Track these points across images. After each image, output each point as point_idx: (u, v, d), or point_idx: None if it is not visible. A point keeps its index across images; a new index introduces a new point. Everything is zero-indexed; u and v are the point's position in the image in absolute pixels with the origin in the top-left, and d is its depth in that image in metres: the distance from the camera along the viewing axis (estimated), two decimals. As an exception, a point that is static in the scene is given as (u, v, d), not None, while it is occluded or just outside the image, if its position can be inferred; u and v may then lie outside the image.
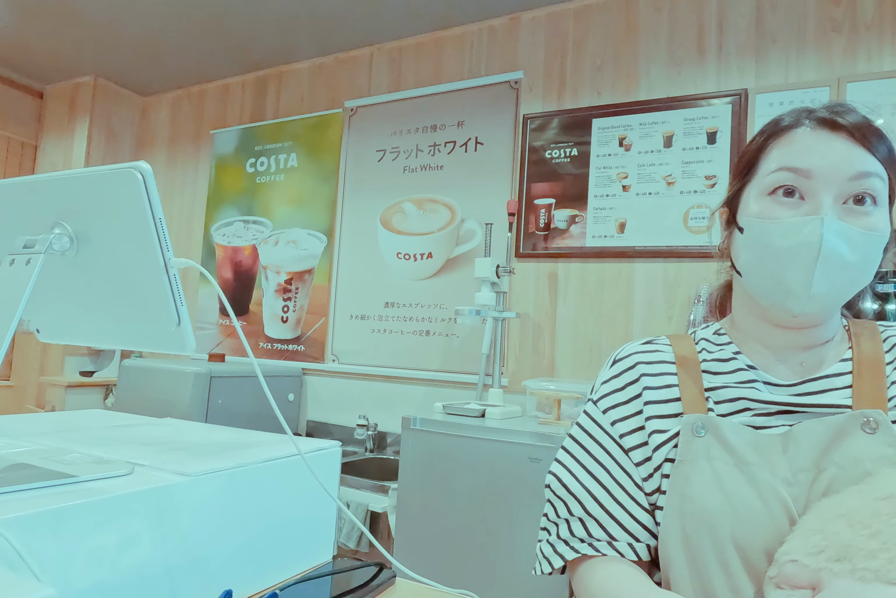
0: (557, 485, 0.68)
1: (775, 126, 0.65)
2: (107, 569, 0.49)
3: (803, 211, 0.60)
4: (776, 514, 0.57)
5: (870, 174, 0.59)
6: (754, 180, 0.65)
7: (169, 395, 2.31)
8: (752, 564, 0.57)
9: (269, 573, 0.66)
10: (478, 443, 1.68)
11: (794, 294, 0.61)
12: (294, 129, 2.91)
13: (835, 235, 0.59)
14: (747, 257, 0.65)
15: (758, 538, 0.57)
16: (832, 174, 0.59)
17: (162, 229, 0.52)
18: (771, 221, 0.62)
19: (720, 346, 0.70)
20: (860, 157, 0.60)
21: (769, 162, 0.63)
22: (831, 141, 0.60)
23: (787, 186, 0.61)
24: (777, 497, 0.58)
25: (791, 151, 0.62)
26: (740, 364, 0.66)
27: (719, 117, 2.04)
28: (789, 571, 0.52)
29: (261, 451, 0.68)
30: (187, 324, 0.55)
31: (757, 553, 0.57)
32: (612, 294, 2.14)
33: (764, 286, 0.64)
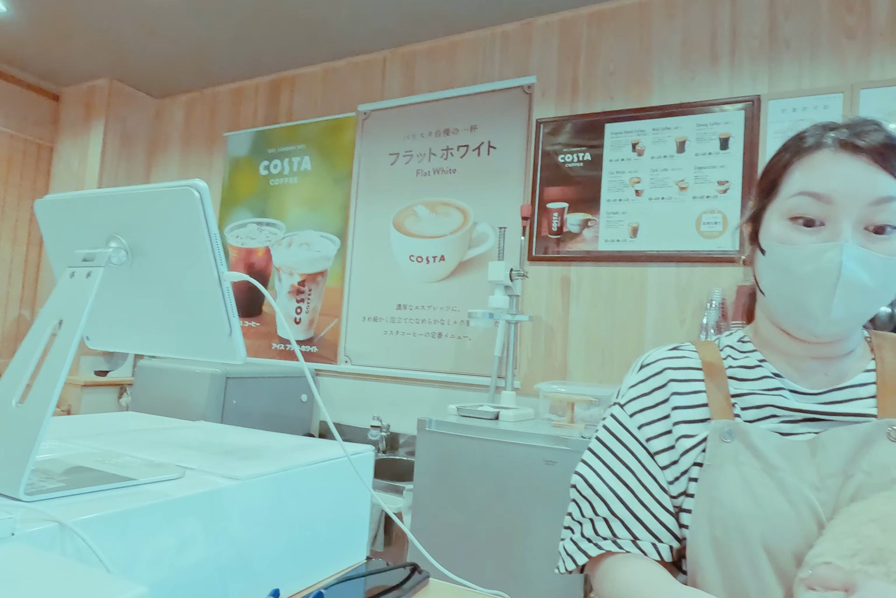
0: (583, 485, 0.70)
1: (799, 145, 0.66)
2: (167, 569, 0.51)
3: (823, 237, 0.62)
4: (805, 518, 0.59)
5: (891, 199, 0.60)
6: (776, 201, 0.66)
7: (185, 395, 2.34)
8: (781, 566, 0.59)
9: (310, 572, 0.68)
10: (492, 445, 1.70)
11: (813, 318, 0.63)
12: (307, 132, 2.93)
13: (854, 262, 0.60)
14: (769, 280, 0.67)
15: (787, 541, 0.59)
16: (852, 200, 0.60)
17: (216, 244, 0.55)
18: (791, 247, 0.63)
19: (745, 353, 0.71)
20: (881, 181, 0.60)
21: (791, 184, 0.65)
22: (852, 165, 0.61)
23: (807, 218, 0.62)
24: (806, 502, 0.60)
25: (812, 174, 0.63)
26: (766, 372, 0.68)
27: (732, 123, 2.06)
28: (823, 573, 0.54)
29: (301, 454, 0.70)
30: (238, 334, 0.57)
31: (786, 556, 0.59)
32: (624, 298, 2.16)
33: (785, 308, 0.66)
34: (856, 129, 0.63)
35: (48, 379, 0.51)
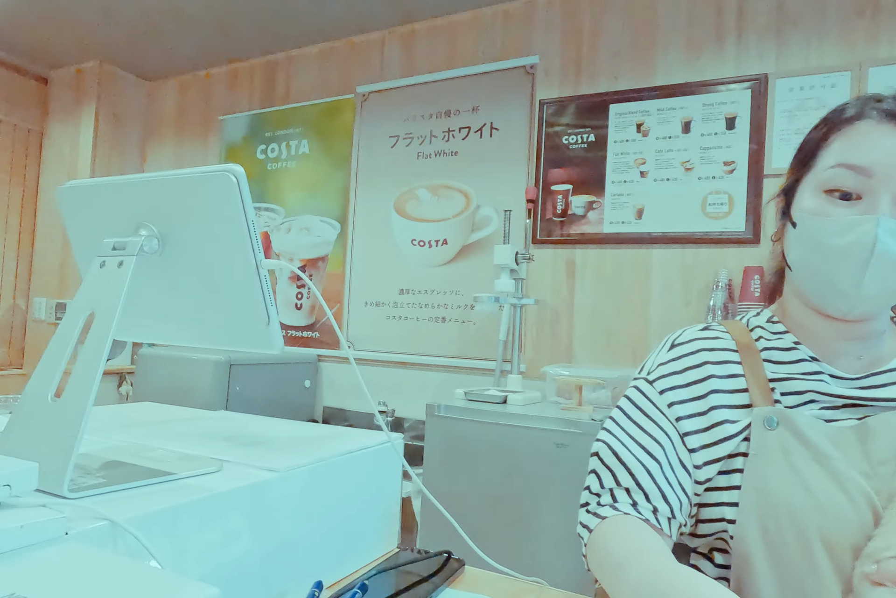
0: (608, 452, 0.65)
1: (839, 116, 0.63)
2: (213, 564, 0.51)
3: (859, 209, 0.60)
4: (861, 508, 0.58)
5: None
6: (811, 173, 0.64)
7: (188, 383, 2.32)
8: (838, 560, 0.57)
9: (347, 562, 0.68)
10: (501, 429, 1.70)
11: (843, 294, 0.61)
12: (305, 115, 2.88)
13: (890, 236, 0.58)
14: (798, 253, 0.65)
15: (845, 533, 0.57)
16: (892, 173, 0.58)
17: (254, 231, 0.53)
18: (824, 219, 0.61)
19: (777, 334, 0.69)
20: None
21: (829, 156, 0.62)
22: (894, 136, 0.59)
23: (843, 191, 0.60)
24: (861, 490, 0.58)
25: (852, 145, 0.61)
26: (803, 355, 0.66)
27: (738, 103, 2.03)
28: (893, 568, 0.51)
29: (335, 444, 0.69)
30: (276, 323, 0.56)
31: (844, 549, 0.57)
32: (629, 280, 2.16)
33: (813, 284, 0.64)
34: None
35: (86, 372, 0.50)
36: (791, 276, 0.68)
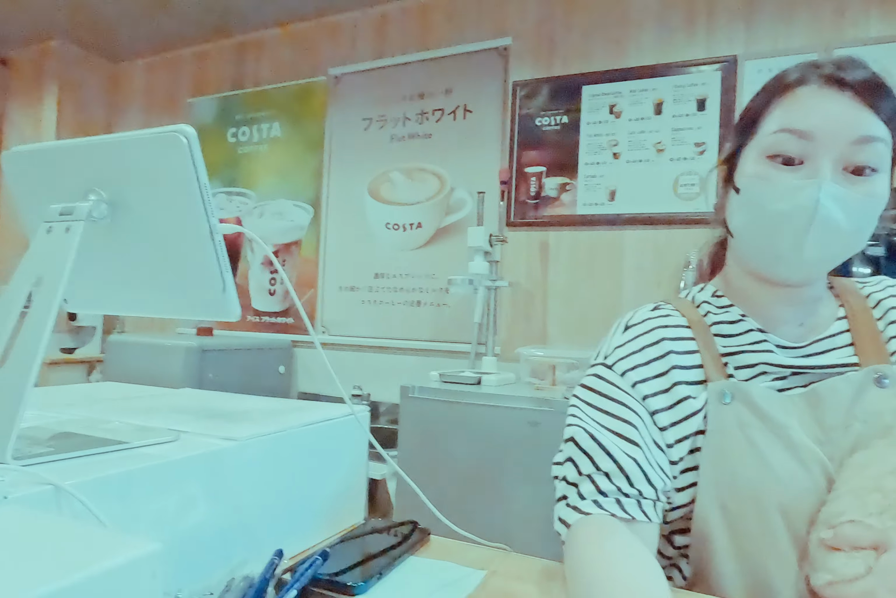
0: (584, 436, 0.62)
1: (779, 82, 0.62)
2: (168, 531, 0.50)
3: (801, 174, 0.59)
4: (816, 475, 0.58)
5: (872, 139, 0.57)
6: (754, 140, 0.63)
7: (159, 370, 2.29)
8: (795, 528, 0.58)
9: (311, 533, 0.67)
10: (475, 409, 1.71)
11: (784, 259, 0.61)
12: (276, 97, 2.84)
13: (831, 201, 0.57)
14: (741, 219, 0.64)
15: (802, 501, 0.57)
16: (834, 137, 0.57)
17: (207, 194, 0.52)
18: (767, 184, 0.60)
19: (723, 308, 0.68)
20: (865, 120, 0.57)
21: (771, 122, 0.61)
22: (836, 102, 0.58)
23: (786, 156, 0.60)
24: (815, 458, 0.59)
25: (793, 110, 0.60)
26: (750, 326, 0.66)
27: (709, 84, 2.04)
28: (849, 532, 0.52)
29: (298, 415, 0.69)
30: (232, 290, 0.55)
31: (800, 517, 0.57)
32: (602, 262, 2.17)
33: (756, 249, 0.64)
34: (841, 65, 0.60)
35: (31, 339, 0.48)
36: (734, 243, 0.68)
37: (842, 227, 0.58)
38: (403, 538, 0.67)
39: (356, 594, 0.55)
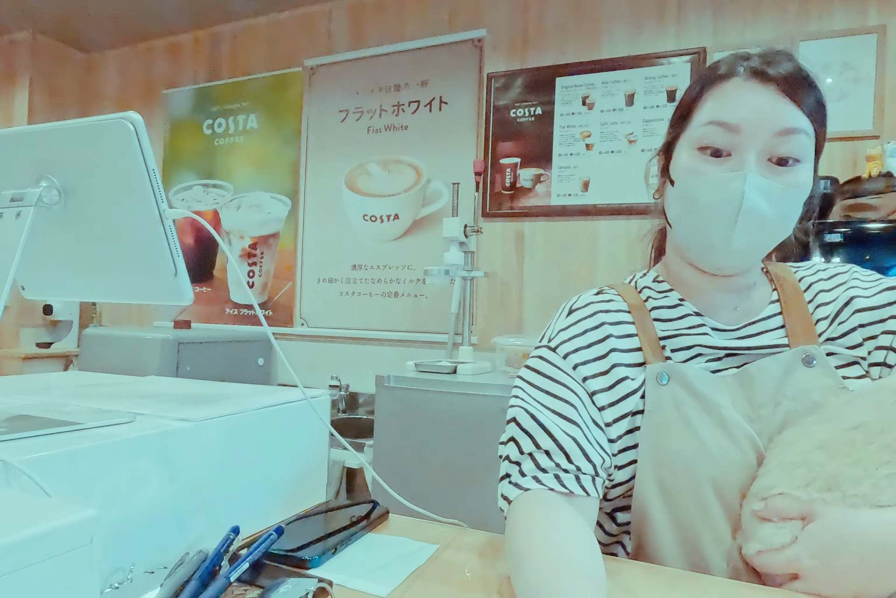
0: (525, 416, 0.63)
1: (711, 74, 0.65)
2: (120, 508, 0.51)
3: (728, 166, 0.61)
4: (746, 451, 0.61)
5: (795, 131, 0.60)
6: (687, 131, 0.65)
7: (135, 363, 2.28)
8: (727, 502, 0.60)
9: (271, 512, 0.69)
10: (450, 398, 1.73)
11: (715, 249, 0.63)
12: (252, 88, 2.82)
13: (756, 192, 0.60)
14: (676, 211, 0.67)
15: (733, 476, 0.60)
16: (758, 129, 0.60)
17: (156, 180, 0.53)
18: (698, 177, 0.62)
19: (663, 293, 0.71)
20: (787, 112, 0.60)
21: (702, 113, 0.64)
22: (760, 94, 0.60)
23: (714, 148, 0.62)
24: (745, 434, 0.61)
25: (722, 103, 0.62)
26: (687, 310, 0.68)
27: (679, 76, 2.07)
28: (778, 504, 0.55)
29: (257, 399, 0.70)
30: (184, 275, 0.56)
31: (732, 491, 0.60)
32: (576, 251, 2.20)
33: (690, 240, 0.66)
34: (767, 58, 0.62)
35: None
36: (671, 233, 0.70)
37: (767, 216, 0.61)
38: (361, 517, 0.69)
39: (310, 566, 0.57)
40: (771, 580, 0.57)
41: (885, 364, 0.65)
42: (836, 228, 1.44)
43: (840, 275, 0.71)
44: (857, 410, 0.58)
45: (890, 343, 0.65)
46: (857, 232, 1.46)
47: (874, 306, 0.66)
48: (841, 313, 0.67)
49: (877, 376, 0.65)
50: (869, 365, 0.66)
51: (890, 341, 0.65)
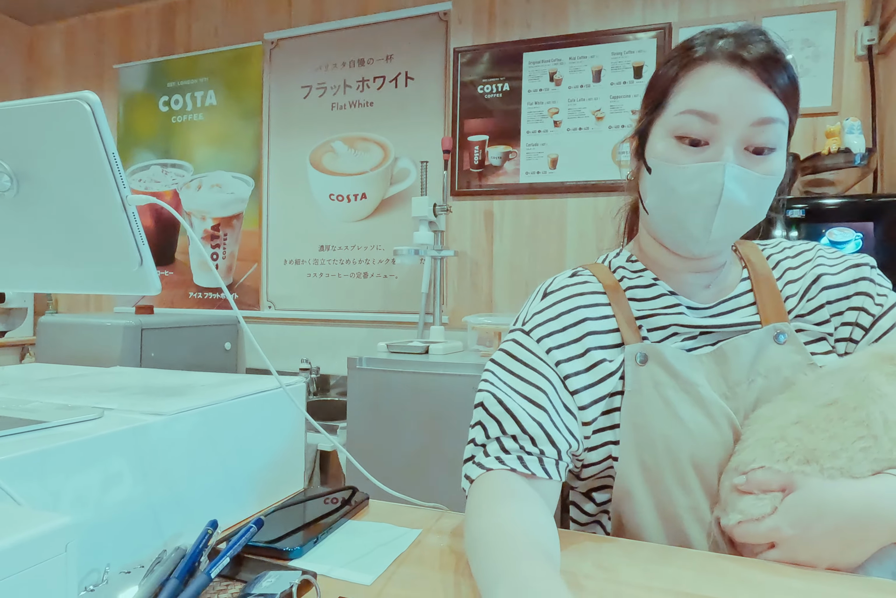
0: (492, 401, 0.64)
1: (688, 55, 0.63)
2: (92, 508, 0.50)
3: (706, 156, 0.61)
4: (724, 428, 0.62)
5: (771, 120, 0.60)
6: (663, 117, 0.64)
7: (96, 350, 2.21)
8: (707, 480, 0.62)
9: (248, 503, 0.68)
10: (423, 378, 1.73)
11: (694, 238, 0.64)
12: (210, 63, 2.72)
13: (734, 183, 0.60)
14: (653, 199, 0.67)
15: (711, 453, 0.62)
16: (736, 119, 0.59)
17: (116, 164, 0.50)
18: (677, 166, 0.62)
19: (637, 273, 0.71)
20: (763, 101, 0.60)
21: (679, 100, 0.63)
22: (738, 82, 0.60)
23: (692, 138, 0.62)
24: (722, 412, 0.63)
25: (699, 90, 0.61)
26: (662, 290, 0.69)
27: (645, 52, 2.06)
28: (760, 477, 0.57)
29: (230, 389, 0.68)
30: (150, 264, 0.53)
31: (710, 468, 0.62)
32: (545, 229, 2.20)
33: (667, 228, 0.66)
34: (743, 38, 0.61)
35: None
36: (647, 218, 0.70)
37: (744, 205, 0.62)
38: (341, 504, 0.69)
39: (291, 558, 0.57)
40: (748, 550, 0.59)
41: (850, 340, 0.67)
42: (796, 203, 1.46)
43: (805, 252, 0.72)
44: (829, 387, 0.60)
45: (855, 319, 0.67)
46: (817, 207, 1.50)
47: (840, 283, 0.68)
48: (809, 290, 0.68)
49: (842, 351, 0.67)
50: (835, 341, 0.67)
51: (855, 317, 0.67)
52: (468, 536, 0.54)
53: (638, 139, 0.69)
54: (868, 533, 0.53)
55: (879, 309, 0.66)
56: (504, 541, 0.49)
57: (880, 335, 0.65)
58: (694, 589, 0.51)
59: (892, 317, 0.65)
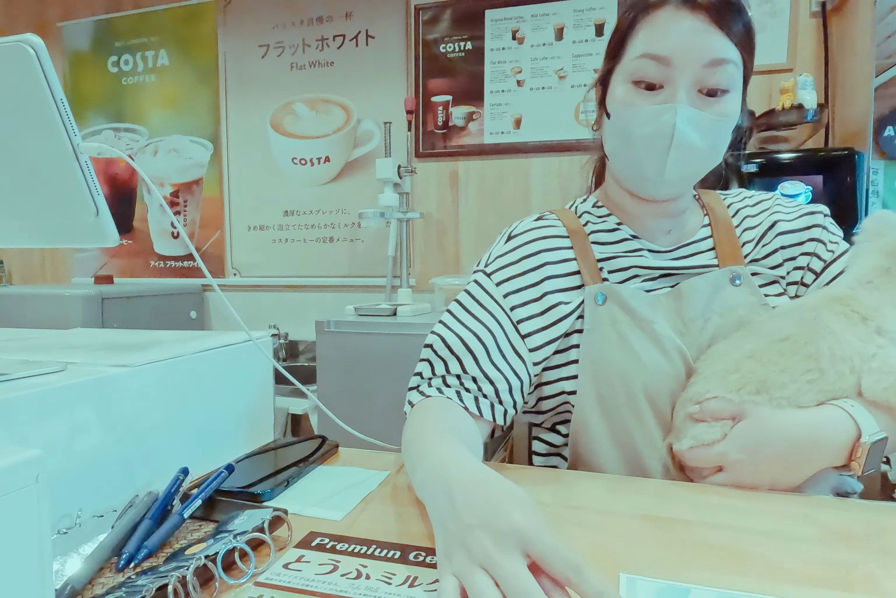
0: (441, 345, 0.68)
1: (643, 2, 0.65)
2: (61, 455, 0.50)
3: (660, 99, 0.63)
4: (676, 362, 0.66)
5: (723, 62, 0.61)
6: (622, 63, 0.67)
7: (55, 322, 2.16)
8: (660, 411, 0.66)
9: (219, 454, 0.69)
10: (392, 339, 1.75)
11: (650, 179, 0.67)
12: (159, 21, 2.60)
13: (687, 124, 0.62)
14: (612, 143, 0.69)
15: (664, 386, 0.66)
16: (689, 62, 0.61)
17: (65, 111, 0.49)
18: (632, 110, 0.64)
19: (602, 218, 0.74)
20: (715, 42, 0.61)
21: (635, 45, 0.65)
22: (690, 24, 0.61)
23: (647, 82, 0.64)
24: (675, 346, 0.66)
25: (653, 35, 0.63)
26: (625, 234, 0.72)
27: (606, 9, 2.05)
28: (713, 406, 0.61)
29: (196, 342, 0.69)
30: (106, 214, 0.53)
31: (663, 399, 0.66)
32: (511, 189, 2.20)
33: (625, 172, 0.69)
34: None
35: None
36: (609, 164, 0.73)
37: (697, 146, 0.64)
38: (311, 452, 0.71)
39: (263, 500, 0.58)
40: (697, 474, 0.63)
41: (801, 283, 0.71)
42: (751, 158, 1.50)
43: (764, 202, 0.75)
44: (782, 324, 0.64)
45: (807, 264, 0.70)
46: (771, 162, 1.53)
47: (794, 230, 0.71)
48: (765, 236, 0.71)
49: (793, 294, 0.71)
50: (787, 284, 0.71)
51: (807, 262, 0.70)
52: (403, 443, 0.60)
53: (601, 87, 0.71)
54: (808, 458, 0.58)
55: (830, 255, 0.70)
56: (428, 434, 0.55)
57: (830, 279, 0.69)
58: (649, 512, 0.54)
59: (842, 263, 0.69)
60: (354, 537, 0.50)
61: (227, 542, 0.45)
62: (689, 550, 0.47)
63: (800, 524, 0.51)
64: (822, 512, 0.54)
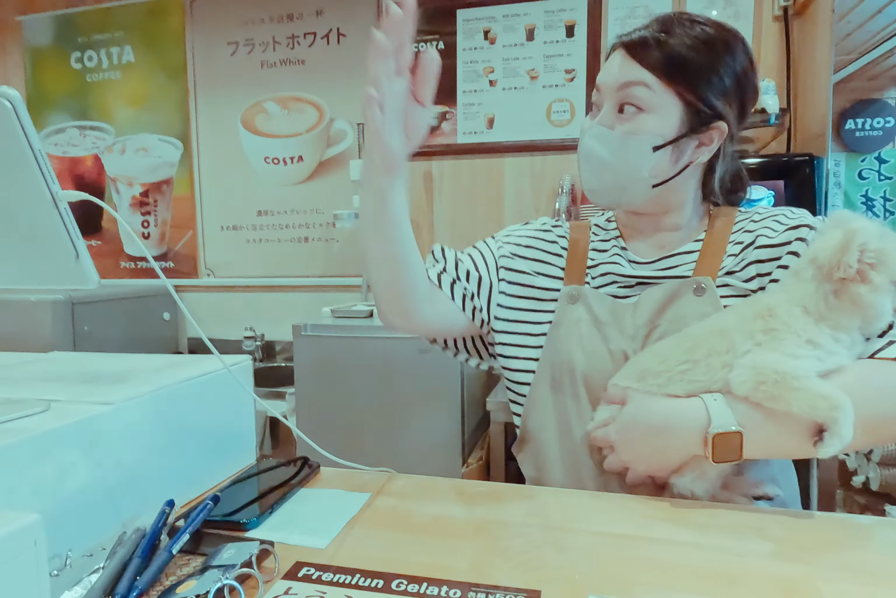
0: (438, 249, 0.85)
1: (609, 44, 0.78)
2: (50, 499, 0.51)
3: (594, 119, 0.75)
4: (617, 359, 0.74)
5: (631, 84, 0.70)
6: None
7: (25, 329, 2.10)
8: (594, 395, 0.75)
9: (203, 480, 0.71)
10: (368, 342, 1.76)
11: (585, 190, 0.78)
12: (124, 16, 2.54)
13: (594, 140, 0.73)
14: None
15: (599, 376, 0.74)
16: (608, 87, 0.73)
17: (44, 161, 0.49)
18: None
19: (607, 231, 0.84)
20: (627, 68, 0.71)
21: None
22: (616, 59, 0.73)
23: (594, 105, 0.76)
24: (619, 347, 0.75)
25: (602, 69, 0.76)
26: (615, 245, 0.81)
27: (577, 10, 2.06)
28: (611, 391, 0.71)
29: (176, 372, 0.70)
30: (86, 256, 0.54)
31: (599, 387, 0.74)
32: (484, 189, 2.22)
33: None
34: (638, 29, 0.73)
35: None
36: None
37: (606, 159, 0.73)
38: (293, 474, 0.73)
39: (248, 529, 0.60)
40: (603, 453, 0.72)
41: None
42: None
43: (769, 218, 0.75)
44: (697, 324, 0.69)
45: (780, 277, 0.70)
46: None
47: (774, 244, 0.71)
48: (745, 250, 0.74)
49: None
50: None
51: (782, 275, 0.69)
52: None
53: None
54: (666, 442, 0.64)
55: None
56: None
57: None
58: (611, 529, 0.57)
59: None
60: (339, 566, 0.53)
61: (216, 579, 0.47)
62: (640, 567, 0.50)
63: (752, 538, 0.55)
64: (773, 526, 0.58)
